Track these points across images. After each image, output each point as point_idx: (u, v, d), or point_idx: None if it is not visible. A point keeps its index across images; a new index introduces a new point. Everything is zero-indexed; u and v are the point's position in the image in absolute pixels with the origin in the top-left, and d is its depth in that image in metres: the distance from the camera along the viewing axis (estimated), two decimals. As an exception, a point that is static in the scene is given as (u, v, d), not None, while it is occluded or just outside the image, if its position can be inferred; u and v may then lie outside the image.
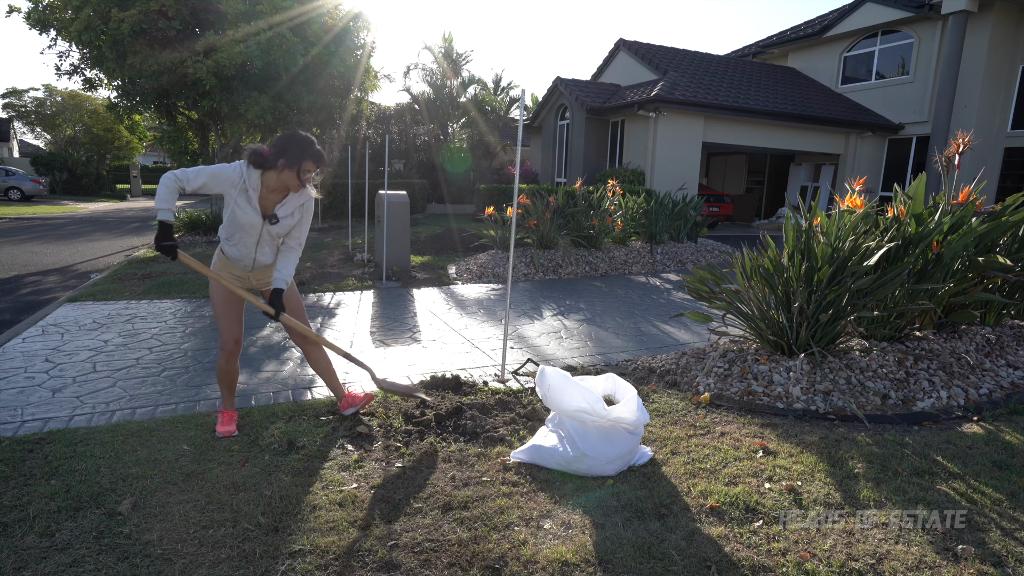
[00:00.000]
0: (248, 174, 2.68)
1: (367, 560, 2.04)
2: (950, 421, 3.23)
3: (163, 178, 2.62)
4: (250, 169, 2.68)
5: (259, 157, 2.67)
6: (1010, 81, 14.71)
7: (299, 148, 2.66)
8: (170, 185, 2.61)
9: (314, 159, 2.69)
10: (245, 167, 2.68)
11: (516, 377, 3.99)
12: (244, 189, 2.70)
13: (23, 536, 2.11)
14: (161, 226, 2.61)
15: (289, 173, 2.68)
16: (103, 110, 23.95)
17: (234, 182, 2.68)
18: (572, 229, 9.01)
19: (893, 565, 2.03)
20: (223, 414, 3.03)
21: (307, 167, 2.69)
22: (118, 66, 9.75)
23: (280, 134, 2.72)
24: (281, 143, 2.68)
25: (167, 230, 2.61)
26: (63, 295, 6.41)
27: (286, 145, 2.66)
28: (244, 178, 2.68)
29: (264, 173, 2.71)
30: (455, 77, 20.90)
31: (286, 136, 2.70)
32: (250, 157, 2.67)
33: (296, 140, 2.67)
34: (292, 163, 2.66)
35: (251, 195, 2.71)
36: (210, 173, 2.66)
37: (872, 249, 3.68)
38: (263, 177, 2.72)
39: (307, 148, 2.67)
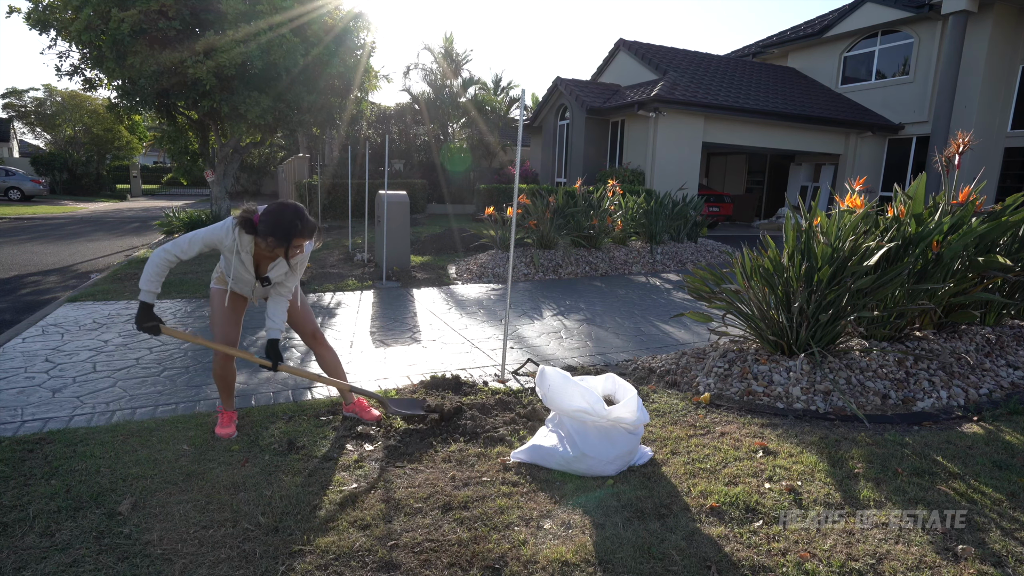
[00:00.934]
0: (240, 237, 2.65)
1: (367, 560, 2.04)
2: (950, 421, 3.23)
3: (153, 256, 2.59)
4: (241, 233, 2.64)
5: (250, 225, 2.60)
6: (1010, 81, 14.71)
7: (286, 228, 2.55)
8: (160, 264, 2.59)
9: (302, 235, 2.61)
10: (237, 230, 2.63)
11: (516, 377, 3.99)
12: (236, 251, 2.69)
13: (23, 536, 2.11)
14: (141, 306, 2.60)
15: (279, 249, 2.63)
16: (103, 110, 24.00)
17: (227, 244, 2.67)
18: (572, 229, 9.01)
19: (893, 565, 2.03)
20: (223, 415, 3.02)
21: (296, 243, 2.62)
22: (118, 66, 9.74)
23: (269, 206, 2.60)
24: (269, 221, 2.55)
25: (148, 311, 2.60)
26: (63, 295, 6.41)
27: (274, 224, 2.55)
28: (236, 241, 2.66)
29: (255, 238, 2.67)
30: (455, 77, 20.91)
31: (274, 213, 2.57)
32: (241, 223, 2.61)
33: (283, 220, 2.55)
34: (280, 241, 2.58)
35: (244, 257, 2.71)
36: (203, 240, 2.64)
37: (872, 249, 3.68)
38: (255, 240, 2.68)
39: (293, 228, 2.56)
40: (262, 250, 2.71)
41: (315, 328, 3.16)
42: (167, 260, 2.60)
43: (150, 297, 2.60)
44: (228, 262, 2.75)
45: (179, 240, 2.65)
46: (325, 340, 3.20)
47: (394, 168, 19.91)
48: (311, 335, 3.15)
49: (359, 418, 3.18)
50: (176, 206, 15.45)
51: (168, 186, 39.78)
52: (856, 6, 16.49)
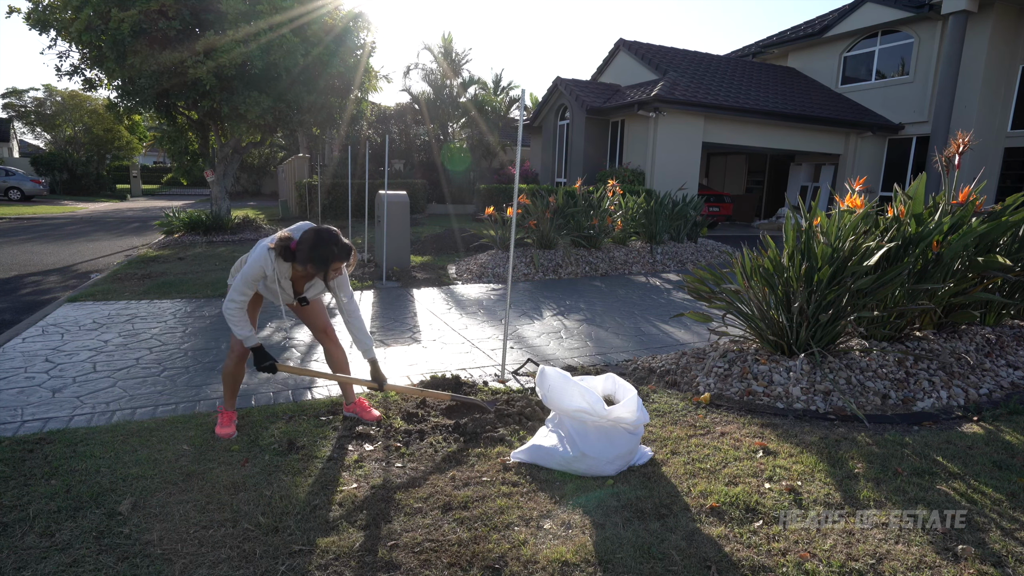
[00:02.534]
0: (278, 264, 2.71)
1: (367, 560, 2.04)
2: (950, 421, 3.23)
3: (225, 312, 2.72)
4: (278, 260, 2.70)
5: (287, 252, 2.67)
6: (1010, 81, 14.71)
7: (323, 252, 2.63)
8: (236, 314, 2.72)
9: (339, 259, 2.69)
10: (273, 256, 2.69)
11: (516, 377, 3.99)
12: (275, 278, 2.75)
13: (23, 536, 2.11)
14: (254, 352, 2.78)
15: (319, 274, 2.73)
16: (103, 110, 23.98)
17: (267, 275, 2.72)
18: (572, 229, 9.01)
19: (893, 565, 2.03)
20: (223, 414, 3.02)
21: (335, 267, 2.70)
22: (118, 66, 9.74)
23: (305, 233, 2.67)
24: (307, 247, 2.63)
25: (261, 352, 2.78)
26: (63, 295, 6.41)
27: (312, 251, 2.62)
28: (275, 268, 2.71)
29: (293, 264, 2.73)
30: (455, 77, 20.91)
31: (311, 240, 2.64)
32: (279, 251, 2.67)
33: (320, 245, 2.63)
34: (319, 267, 2.67)
35: (284, 283, 2.80)
36: (252, 279, 2.72)
37: (872, 249, 3.68)
38: (293, 265, 2.75)
39: (331, 251, 2.64)
40: (300, 272, 2.80)
41: (327, 324, 3.17)
42: (236, 307, 2.73)
43: (254, 341, 2.77)
44: (265, 287, 2.83)
45: (234, 287, 2.74)
46: (335, 336, 3.20)
47: (394, 168, 19.91)
48: (322, 330, 3.15)
49: (359, 418, 3.18)
50: (176, 206, 15.45)
51: (168, 186, 39.79)
52: (856, 6, 16.49)
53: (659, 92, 13.76)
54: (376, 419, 3.17)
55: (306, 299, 2.91)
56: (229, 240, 11.00)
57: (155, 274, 7.45)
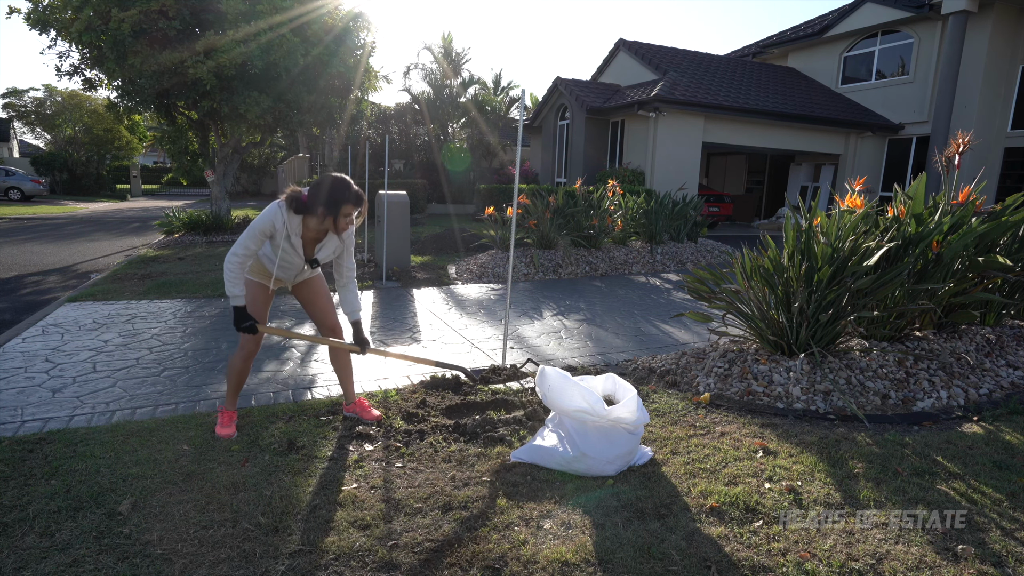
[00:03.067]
0: (289, 218, 2.70)
1: (367, 560, 2.04)
2: (950, 421, 3.23)
3: (226, 263, 2.68)
4: (290, 213, 2.69)
5: (298, 203, 2.67)
6: (1010, 81, 14.71)
7: (337, 194, 2.64)
8: (234, 267, 2.68)
9: (352, 202, 2.69)
10: (284, 210, 2.68)
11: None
12: (286, 234, 2.73)
13: (23, 536, 2.11)
14: (235, 310, 2.72)
15: (330, 219, 2.69)
16: (103, 110, 23.97)
17: (277, 228, 2.70)
18: (572, 229, 9.01)
19: (893, 565, 2.03)
20: (223, 414, 3.01)
21: (345, 211, 2.69)
22: (118, 66, 9.74)
23: (317, 178, 2.71)
24: (318, 190, 2.65)
25: (242, 312, 2.72)
26: (63, 295, 6.41)
27: (322, 195, 2.63)
28: (285, 222, 2.70)
29: (304, 216, 2.72)
30: (455, 77, 20.91)
31: (323, 183, 2.67)
32: (289, 202, 2.67)
33: (333, 186, 2.65)
34: (331, 210, 2.65)
35: (293, 240, 2.76)
36: (260, 231, 2.69)
37: (872, 249, 3.68)
38: (304, 220, 2.74)
39: (343, 193, 2.65)
40: (310, 231, 2.77)
41: (335, 322, 3.16)
42: (238, 262, 2.68)
43: (240, 300, 2.71)
44: (276, 248, 2.77)
45: (240, 240, 2.70)
46: (343, 336, 3.20)
47: (394, 168, 19.91)
48: (330, 328, 3.15)
49: (359, 418, 3.18)
50: (176, 206, 15.45)
51: (168, 186, 39.80)
52: (856, 6, 16.49)
53: (659, 92, 13.77)
54: (376, 419, 3.17)
55: (317, 261, 2.85)
56: (229, 240, 11.00)
57: (155, 274, 7.45)
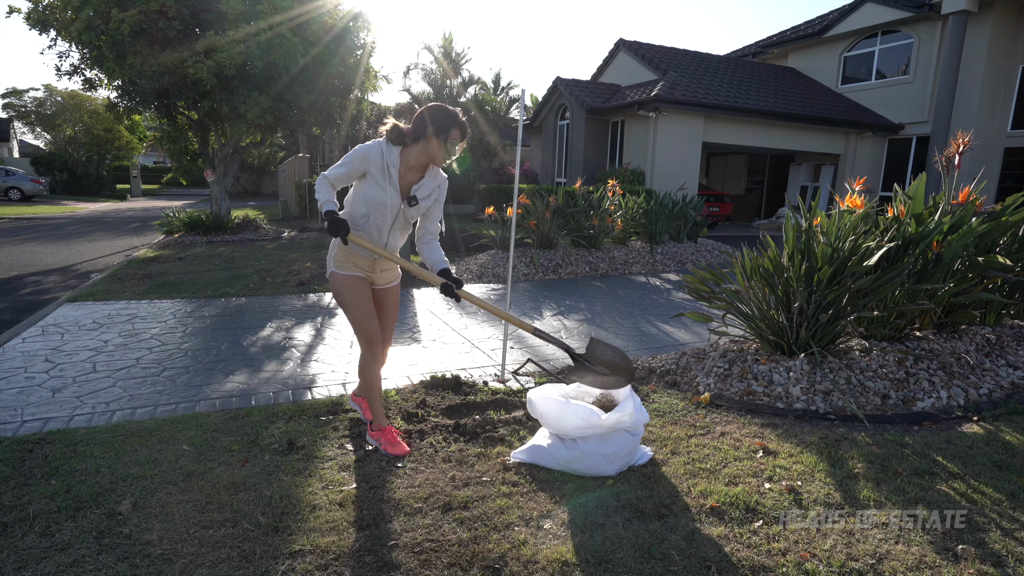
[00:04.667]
0: (388, 151, 2.63)
1: (367, 560, 2.04)
2: (950, 421, 3.23)
3: (318, 182, 2.63)
4: (390, 146, 2.63)
5: (398, 133, 2.63)
6: (1010, 81, 14.71)
7: (445, 117, 2.61)
8: (322, 185, 2.62)
9: (460, 128, 2.64)
10: (385, 144, 2.64)
11: (516, 377, 3.99)
12: (384, 167, 2.64)
13: (23, 536, 2.11)
14: (328, 215, 2.58)
15: (437, 142, 2.62)
16: (103, 110, 23.95)
17: (374, 160, 2.63)
18: (572, 229, 9.01)
19: (893, 565, 2.03)
20: (385, 432, 2.81)
21: (454, 135, 2.64)
22: (118, 66, 9.74)
23: (422, 108, 2.66)
24: (425, 115, 2.62)
25: (334, 216, 2.56)
26: (63, 295, 6.41)
27: (432, 116, 2.61)
28: (384, 156, 2.63)
29: (404, 150, 2.66)
30: (455, 77, 20.92)
31: (430, 108, 2.64)
32: (391, 135, 2.62)
33: (442, 109, 2.63)
34: (440, 131, 2.59)
35: (391, 172, 2.65)
36: (352, 160, 2.62)
37: (872, 249, 3.68)
38: (403, 154, 2.67)
39: (454, 116, 2.63)
40: (410, 164, 2.68)
41: (389, 336, 3.04)
42: (328, 183, 2.62)
43: (331, 205, 2.59)
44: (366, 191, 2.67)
45: (334, 165, 2.65)
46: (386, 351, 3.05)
47: (394, 168, 19.85)
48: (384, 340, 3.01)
49: (360, 416, 3.18)
50: (176, 206, 15.45)
51: (168, 186, 39.81)
52: (856, 6, 16.50)
53: (659, 92, 13.77)
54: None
55: (415, 199, 2.71)
56: (229, 240, 11.00)
57: (155, 274, 7.45)
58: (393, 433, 2.85)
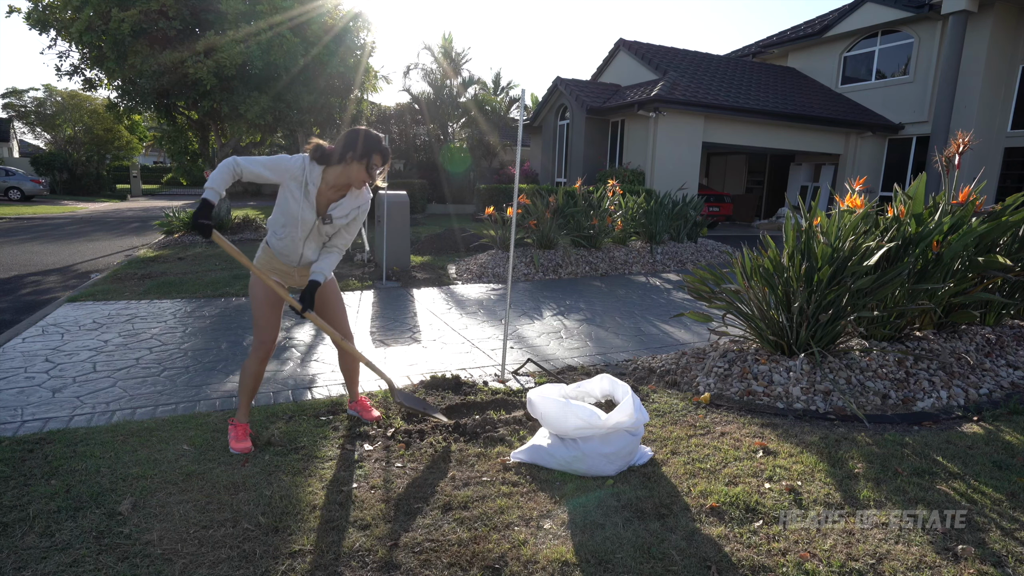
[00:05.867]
0: (310, 169, 2.65)
1: (367, 560, 2.04)
2: (950, 421, 3.23)
3: (223, 162, 2.59)
4: (312, 164, 2.65)
5: (323, 152, 2.65)
6: (1010, 81, 14.71)
7: (369, 143, 2.65)
8: (227, 169, 2.58)
9: (382, 153, 2.68)
10: (307, 161, 2.65)
11: (516, 377, 3.99)
12: (304, 183, 2.66)
13: (23, 536, 2.11)
14: (203, 203, 2.52)
15: (358, 166, 2.64)
16: (103, 110, 23.98)
17: (294, 174, 2.65)
18: (572, 229, 9.01)
19: (893, 565, 2.03)
20: (237, 427, 2.85)
21: (374, 161, 2.67)
22: (118, 66, 9.75)
23: (347, 131, 2.71)
24: (349, 137, 2.65)
25: (208, 208, 2.52)
26: (63, 295, 6.41)
27: (354, 139, 2.63)
28: (305, 172, 2.65)
29: (326, 169, 2.68)
30: (455, 77, 20.91)
31: (354, 131, 2.67)
32: (314, 153, 2.64)
33: (365, 134, 2.66)
34: (362, 155, 2.63)
35: (310, 189, 2.67)
36: (274, 166, 2.63)
37: (872, 249, 3.68)
38: (324, 173, 2.69)
39: (376, 143, 2.67)
40: (329, 184, 2.70)
41: (347, 332, 3.11)
42: (235, 168, 2.59)
43: (213, 195, 2.55)
44: (287, 202, 2.69)
45: (252, 159, 2.63)
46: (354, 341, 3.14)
47: (394, 168, 19.91)
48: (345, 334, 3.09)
49: (360, 417, 3.19)
50: (176, 206, 15.45)
51: (168, 186, 39.79)
52: (856, 6, 16.49)
53: (659, 92, 13.77)
54: (376, 419, 3.17)
55: (331, 217, 2.76)
56: (229, 240, 10.99)
57: (155, 274, 7.45)
58: (241, 431, 2.85)
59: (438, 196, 18.72)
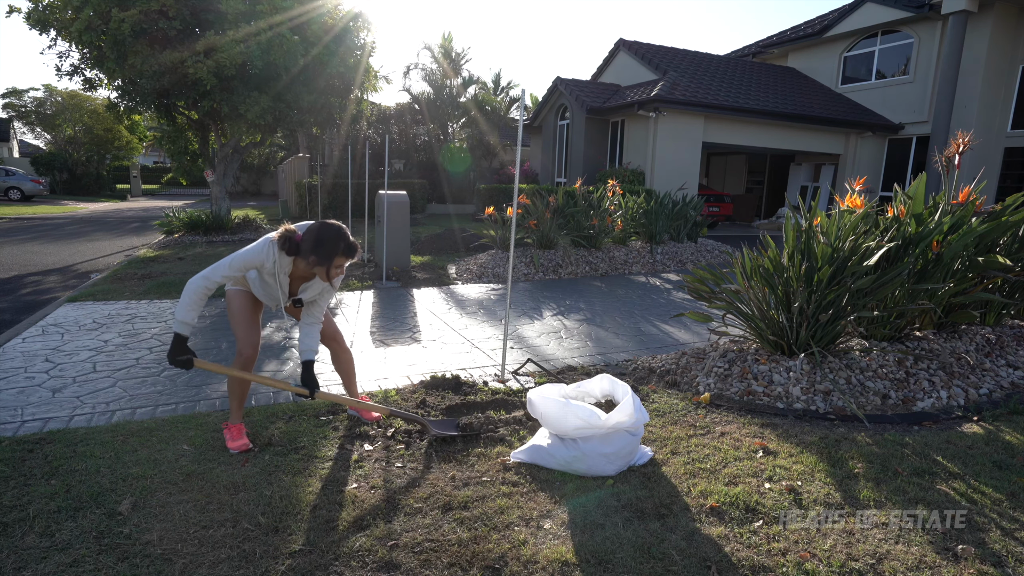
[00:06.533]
0: (279, 258, 2.63)
1: (367, 560, 2.04)
2: (950, 421, 3.23)
3: (190, 284, 2.54)
4: (281, 253, 2.62)
5: (291, 244, 2.60)
6: (1010, 81, 14.71)
7: (329, 245, 2.55)
8: (198, 293, 2.54)
9: (345, 254, 2.60)
10: (276, 249, 2.61)
11: (516, 377, 3.99)
12: (273, 272, 2.66)
13: (23, 536, 2.11)
14: (176, 339, 2.52)
15: (320, 268, 2.61)
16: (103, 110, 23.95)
17: (266, 266, 2.64)
18: (572, 229, 9.01)
19: (893, 565, 2.02)
20: (231, 428, 2.88)
21: (337, 263, 2.62)
22: (118, 66, 9.74)
23: (311, 226, 2.61)
24: (312, 239, 2.56)
25: (181, 344, 2.52)
26: (63, 295, 6.41)
27: (317, 243, 2.55)
28: (275, 260, 2.63)
29: (295, 259, 2.66)
30: (455, 77, 20.91)
31: (317, 232, 2.58)
32: (282, 243, 2.57)
33: (326, 237, 2.56)
34: (323, 260, 2.57)
35: (281, 278, 2.69)
36: (243, 265, 2.61)
37: (872, 249, 3.68)
38: (294, 261, 2.67)
39: (337, 245, 2.57)
40: (300, 270, 2.71)
41: (335, 331, 3.14)
42: (205, 289, 2.56)
43: (185, 329, 2.53)
44: (261, 282, 2.75)
45: (217, 266, 2.59)
46: (343, 342, 3.19)
47: (394, 168, 19.91)
48: (331, 337, 3.12)
49: (360, 417, 3.19)
50: (176, 206, 15.45)
51: (168, 186, 39.79)
52: (856, 6, 16.49)
53: (659, 92, 13.76)
54: (376, 419, 3.17)
55: (300, 301, 2.81)
56: (229, 240, 11.00)
57: (155, 274, 7.45)
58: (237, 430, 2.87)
59: (438, 196, 18.72)
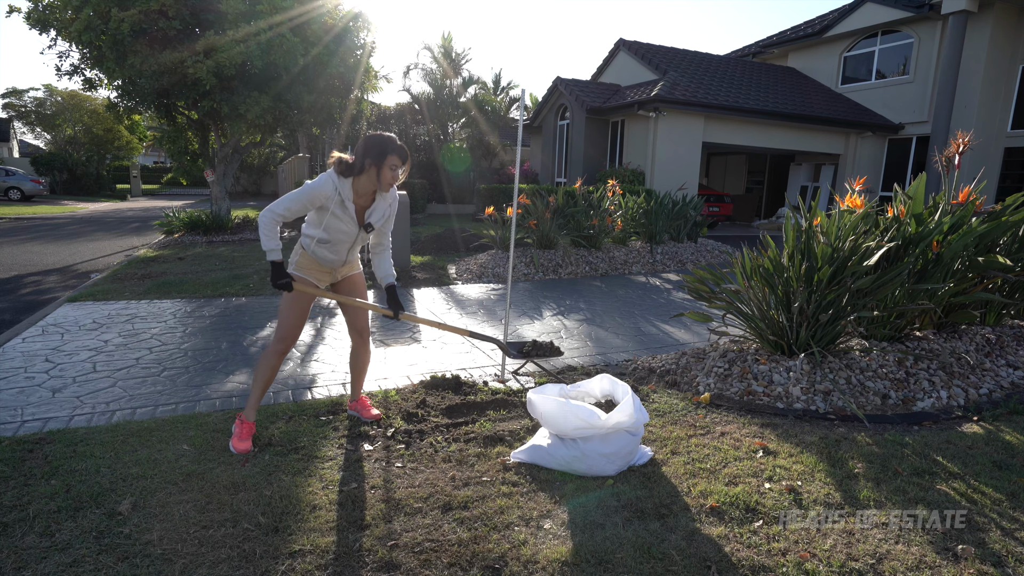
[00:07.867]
0: (340, 184, 2.70)
1: (367, 560, 2.04)
2: (950, 421, 3.23)
3: (261, 217, 2.65)
4: (340, 179, 2.70)
5: (346, 166, 2.69)
6: (1010, 81, 14.71)
7: (380, 147, 2.67)
8: (270, 224, 2.66)
9: (398, 153, 2.70)
10: (336, 178, 2.69)
11: (516, 377, 3.99)
12: (340, 201, 2.72)
13: (23, 536, 2.11)
14: (273, 266, 2.68)
15: (378, 170, 2.69)
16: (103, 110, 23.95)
17: (329, 195, 2.70)
18: (572, 229, 9.01)
19: (893, 565, 2.03)
20: (244, 425, 2.84)
21: (392, 162, 2.70)
22: (118, 66, 9.74)
23: (363, 137, 2.77)
24: (362, 148, 2.68)
25: (279, 268, 2.69)
26: (63, 295, 6.41)
27: (369, 147, 2.67)
28: (338, 189, 2.70)
29: (354, 180, 2.73)
30: (455, 77, 20.91)
31: (366, 137, 2.71)
32: (338, 167, 2.69)
33: (375, 141, 2.69)
34: (377, 159, 2.67)
35: (347, 205, 2.74)
36: (306, 197, 2.67)
37: (872, 249, 3.68)
38: (353, 184, 2.74)
39: (386, 144, 2.69)
40: (360, 196, 2.78)
41: (365, 326, 3.15)
42: (274, 219, 2.66)
43: (277, 255, 2.68)
44: (328, 221, 2.76)
45: (285, 199, 2.68)
46: (368, 341, 3.20)
47: (394, 168, 19.82)
48: (359, 331, 3.14)
49: (359, 417, 3.19)
50: (176, 206, 15.45)
51: (168, 186, 39.79)
52: (856, 6, 16.50)
53: (659, 92, 13.77)
54: (376, 418, 3.17)
55: (371, 225, 2.84)
56: (229, 240, 11.00)
57: (155, 274, 7.45)
58: (246, 430, 2.86)
59: (438, 196, 18.72)
